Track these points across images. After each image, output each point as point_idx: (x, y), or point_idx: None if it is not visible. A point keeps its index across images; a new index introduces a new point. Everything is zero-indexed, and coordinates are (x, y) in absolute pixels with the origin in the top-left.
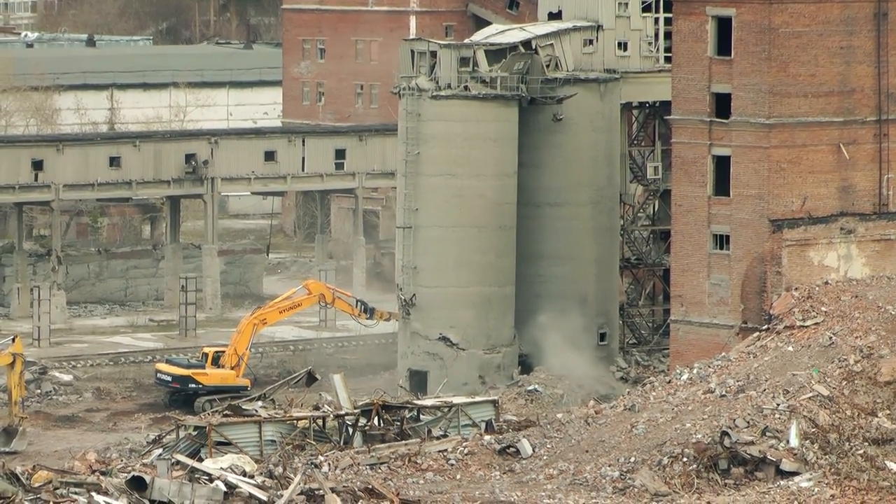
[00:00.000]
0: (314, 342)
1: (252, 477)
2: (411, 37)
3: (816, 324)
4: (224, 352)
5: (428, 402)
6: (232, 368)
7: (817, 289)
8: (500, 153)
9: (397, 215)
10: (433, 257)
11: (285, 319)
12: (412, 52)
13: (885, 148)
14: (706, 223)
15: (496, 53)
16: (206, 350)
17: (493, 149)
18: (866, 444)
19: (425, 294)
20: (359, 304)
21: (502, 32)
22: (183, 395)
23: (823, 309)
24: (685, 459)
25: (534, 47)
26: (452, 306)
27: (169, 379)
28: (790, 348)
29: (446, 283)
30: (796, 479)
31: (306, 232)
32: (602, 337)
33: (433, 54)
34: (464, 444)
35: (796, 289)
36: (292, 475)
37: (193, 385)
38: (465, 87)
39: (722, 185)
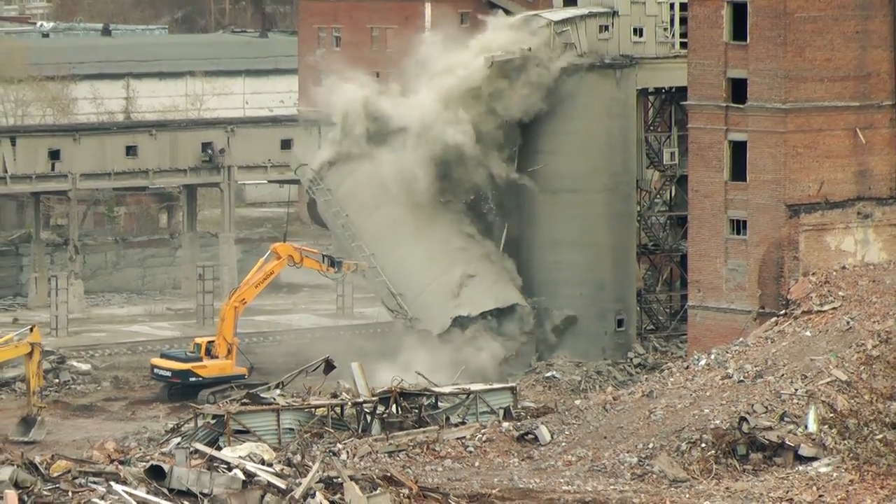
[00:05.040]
0: (331, 330)
1: (270, 465)
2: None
3: (834, 308)
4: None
5: (446, 389)
6: (227, 357)
7: (835, 273)
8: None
9: (365, 242)
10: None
11: (302, 306)
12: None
13: None
14: (723, 208)
15: None
16: (199, 341)
17: None
18: (885, 428)
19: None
20: (325, 258)
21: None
22: (181, 389)
23: (841, 293)
24: (703, 445)
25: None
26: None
27: (168, 374)
28: (808, 333)
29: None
30: (815, 464)
31: None
32: (619, 323)
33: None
34: (482, 431)
35: (813, 273)
36: (311, 463)
37: (194, 379)
38: None
39: (738, 170)
